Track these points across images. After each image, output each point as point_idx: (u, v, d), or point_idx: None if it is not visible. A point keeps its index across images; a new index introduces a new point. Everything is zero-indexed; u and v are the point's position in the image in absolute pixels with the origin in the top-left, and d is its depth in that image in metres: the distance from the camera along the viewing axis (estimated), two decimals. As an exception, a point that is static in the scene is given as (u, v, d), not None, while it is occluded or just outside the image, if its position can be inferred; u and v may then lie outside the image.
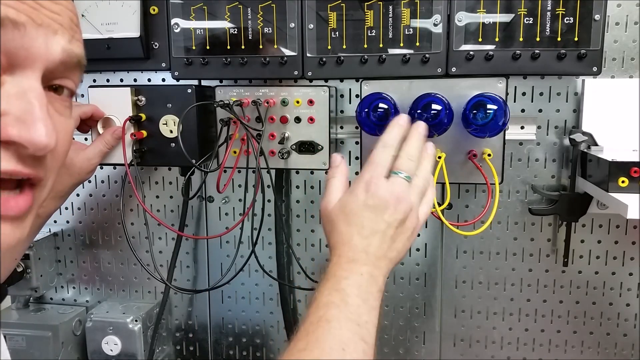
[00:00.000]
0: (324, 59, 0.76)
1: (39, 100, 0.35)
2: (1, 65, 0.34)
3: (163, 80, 0.89)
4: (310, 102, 0.76)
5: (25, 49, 0.34)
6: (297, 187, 0.90)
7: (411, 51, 0.75)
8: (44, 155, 0.36)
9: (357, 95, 0.84)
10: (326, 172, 0.87)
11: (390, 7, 0.74)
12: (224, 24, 0.78)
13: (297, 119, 0.77)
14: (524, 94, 0.81)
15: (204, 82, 0.84)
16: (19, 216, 0.36)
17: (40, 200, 0.39)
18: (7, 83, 0.34)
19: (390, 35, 0.75)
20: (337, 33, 0.76)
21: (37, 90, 0.35)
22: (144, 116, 0.77)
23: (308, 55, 0.77)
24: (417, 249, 0.89)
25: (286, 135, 0.77)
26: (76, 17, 0.40)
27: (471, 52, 0.73)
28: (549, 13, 0.70)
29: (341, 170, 0.63)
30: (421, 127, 0.63)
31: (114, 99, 0.77)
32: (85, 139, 0.86)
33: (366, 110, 0.70)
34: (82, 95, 0.91)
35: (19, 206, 0.36)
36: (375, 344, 0.52)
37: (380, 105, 0.70)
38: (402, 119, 0.64)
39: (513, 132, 0.81)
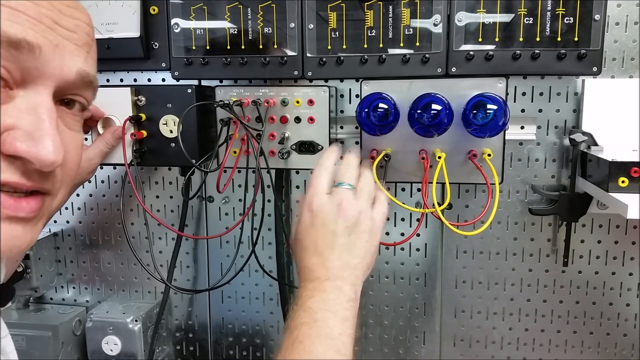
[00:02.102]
0: (324, 59, 0.76)
1: (48, 116, 0.35)
2: (14, 81, 0.34)
3: (163, 80, 0.89)
4: (310, 102, 0.76)
5: (39, 69, 0.35)
6: (297, 187, 0.90)
7: (411, 51, 0.74)
8: (53, 170, 0.37)
9: (357, 95, 0.84)
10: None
11: (390, 7, 0.74)
12: (224, 24, 0.78)
13: (297, 119, 0.77)
14: (524, 94, 0.81)
15: (204, 82, 0.84)
16: (30, 218, 0.37)
17: (50, 209, 0.40)
18: (19, 97, 0.34)
19: (390, 35, 0.75)
20: (337, 33, 0.76)
21: (48, 105, 0.36)
22: (144, 116, 0.77)
23: (308, 55, 0.77)
24: (417, 249, 0.89)
25: (286, 135, 0.77)
26: (92, 31, 0.40)
27: (471, 52, 0.73)
28: (549, 13, 0.70)
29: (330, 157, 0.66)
30: (355, 150, 0.68)
31: (114, 99, 0.76)
32: (85, 139, 0.86)
33: (366, 110, 0.70)
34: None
35: (30, 207, 0.36)
36: (354, 353, 0.51)
37: (380, 105, 0.70)
38: (336, 146, 0.68)
39: (513, 132, 0.81)
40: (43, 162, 0.35)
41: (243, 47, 0.78)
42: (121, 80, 0.91)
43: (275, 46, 0.78)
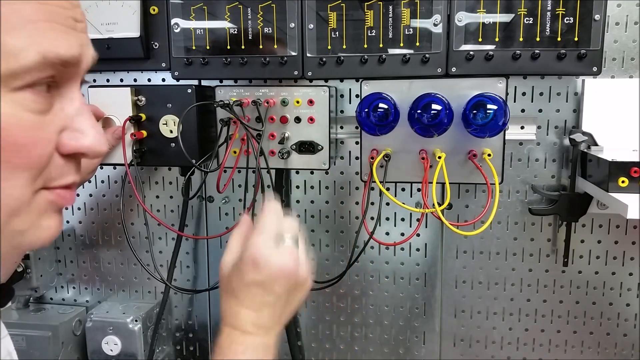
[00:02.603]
0: (324, 59, 0.76)
1: (86, 109, 0.37)
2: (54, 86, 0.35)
3: (163, 80, 0.89)
4: (310, 102, 0.76)
5: (75, 72, 0.36)
6: (297, 187, 0.90)
7: (411, 51, 0.74)
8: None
9: (357, 95, 0.84)
10: (326, 172, 0.88)
11: (390, 7, 0.74)
12: (224, 24, 0.78)
13: (297, 119, 0.77)
14: (524, 94, 0.81)
15: (204, 82, 0.84)
16: (61, 209, 0.38)
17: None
18: (58, 97, 0.35)
19: (390, 35, 0.75)
20: (337, 33, 0.76)
21: (81, 98, 0.37)
22: (144, 116, 0.77)
23: (308, 55, 0.77)
24: (417, 249, 0.89)
25: (286, 135, 0.77)
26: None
27: (471, 52, 0.73)
28: (549, 13, 0.70)
29: (241, 230, 0.60)
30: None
31: (114, 99, 0.77)
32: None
33: (366, 110, 0.70)
34: (83, 95, 0.91)
35: (72, 196, 0.38)
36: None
37: (380, 105, 0.70)
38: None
39: (513, 132, 0.81)
40: (99, 151, 0.36)
41: (243, 47, 0.78)
42: (121, 80, 0.91)
43: (275, 46, 0.78)
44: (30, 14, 0.31)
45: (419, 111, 0.68)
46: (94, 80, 0.91)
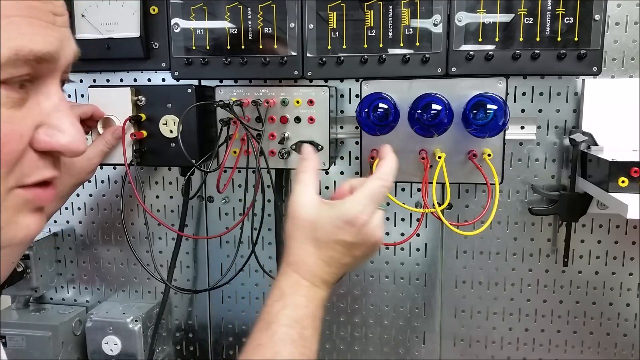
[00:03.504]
0: (324, 59, 0.76)
1: (65, 105, 0.36)
2: (30, 82, 0.34)
3: (163, 80, 0.89)
4: (310, 102, 0.76)
5: (52, 69, 0.35)
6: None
7: (411, 51, 0.74)
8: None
9: (357, 95, 0.84)
10: (326, 172, 0.88)
11: (390, 7, 0.74)
12: (224, 24, 0.78)
13: (297, 119, 0.77)
14: (524, 94, 0.81)
15: (204, 82, 0.84)
16: (41, 207, 0.37)
17: (56, 196, 0.40)
18: (34, 93, 0.34)
19: (390, 35, 0.75)
20: (337, 33, 0.76)
21: (60, 94, 0.36)
22: (144, 116, 0.77)
23: (308, 55, 0.77)
24: (417, 249, 0.89)
25: (286, 135, 0.77)
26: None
27: (471, 52, 0.73)
28: (549, 13, 0.70)
29: (312, 165, 0.58)
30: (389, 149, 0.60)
31: (114, 99, 0.77)
32: (85, 139, 0.86)
33: (366, 110, 0.70)
34: (82, 95, 0.91)
35: (49, 195, 0.37)
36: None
37: (380, 105, 0.70)
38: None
39: (513, 132, 0.81)
40: (75, 151, 0.35)
41: (243, 47, 0.78)
42: (121, 80, 0.91)
43: (275, 46, 0.78)
44: (6, 9, 0.31)
45: (419, 111, 0.68)
46: (94, 80, 0.91)
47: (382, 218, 0.55)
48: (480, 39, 0.73)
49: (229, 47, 0.78)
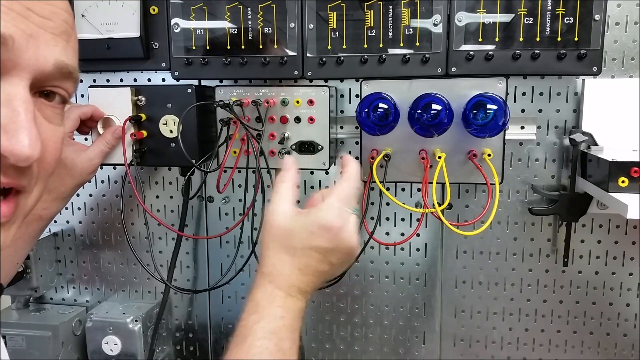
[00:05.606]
0: (324, 59, 0.76)
1: (24, 109, 0.33)
2: None
3: (163, 80, 0.89)
4: (310, 102, 0.76)
5: (12, 60, 0.33)
6: (297, 187, 0.90)
7: (411, 51, 0.75)
8: (29, 165, 0.34)
9: (357, 95, 0.84)
10: (326, 172, 0.88)
11: (390, 7, 0.74)
12: (224, 24, 0.78)
13: (297, 119, 0.77)
14: (524, 94, 0.81)
15: (204, 82, 0.84)
16: (5, 222, 0.35)
17: (26, 208, 0.38)
18: None
19: (390, 35, 0.75)
20: (337, 33, 0.76)
21: (23, 97, 0.34)
22: (144, 116, 0.77)
23: (308, 55, 0.77)
24: (417, 249, 0.89)
25: (286, 135, 0.77)
26: (71, 18, 0.38)
27: (471, 52, 0.73)
28: (549, 13, 0.70)
29: (291, 176, 0.58)
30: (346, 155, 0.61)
31: (114, 99, 0.76)
32: (85, 139, 0.86)
33: (366, 110, 0.70)
34: (82, 95, 0.91)
35: (7, 209, 0.35)
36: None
37: (380, 105, 0.70)
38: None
39: (513, 132, 0.81)
40: (18, 156, 0.33)
41: (243, 47, 0.78)
42: (121, 80, 0.91)
43: (275, 46, 0.78)
44: None
45: (419, 111, 0.68)
46: (94, 80, 0.91)
47: (356, 224, 0.54)
48: (480, 39, 0.73)
49: (228, 47, 0.78)
